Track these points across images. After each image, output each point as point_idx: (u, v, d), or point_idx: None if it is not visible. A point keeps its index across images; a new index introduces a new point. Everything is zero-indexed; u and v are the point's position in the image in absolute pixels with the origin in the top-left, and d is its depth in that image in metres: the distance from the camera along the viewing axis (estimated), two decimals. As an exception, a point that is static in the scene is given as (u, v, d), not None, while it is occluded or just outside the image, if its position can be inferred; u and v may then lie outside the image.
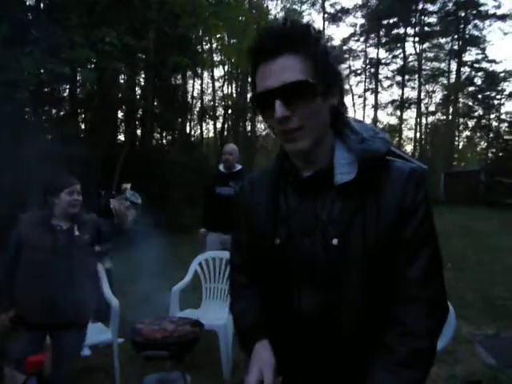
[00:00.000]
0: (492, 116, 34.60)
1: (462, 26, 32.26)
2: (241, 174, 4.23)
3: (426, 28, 33.61)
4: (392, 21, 33.90)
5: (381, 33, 35.17)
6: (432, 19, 33.51)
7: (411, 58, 35.01)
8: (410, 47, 34.79)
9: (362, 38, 36.19)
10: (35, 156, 8.49)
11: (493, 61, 32.51)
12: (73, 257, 2.37)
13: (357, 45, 36.58)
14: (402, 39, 34.43)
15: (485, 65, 32.67)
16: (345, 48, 36.21)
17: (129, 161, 11.25)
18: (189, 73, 18.73)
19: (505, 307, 4.85)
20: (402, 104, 35.65)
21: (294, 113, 0.89)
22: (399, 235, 0.92)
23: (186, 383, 2.22)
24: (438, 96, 37.33)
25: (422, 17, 33.44)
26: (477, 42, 32.27)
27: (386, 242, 0.92)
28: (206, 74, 23.27)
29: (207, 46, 19.22)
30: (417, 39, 34.06)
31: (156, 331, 2.16)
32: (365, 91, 37.51)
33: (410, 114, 44.52)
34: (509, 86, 35.21)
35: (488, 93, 33.33)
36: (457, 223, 12.76)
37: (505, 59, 66.27)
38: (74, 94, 12.81)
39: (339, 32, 39.54)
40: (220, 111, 23.67)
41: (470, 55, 33.59)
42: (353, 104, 36.98)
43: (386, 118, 65.17)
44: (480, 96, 33.77)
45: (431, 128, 36.75)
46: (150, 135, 15.92)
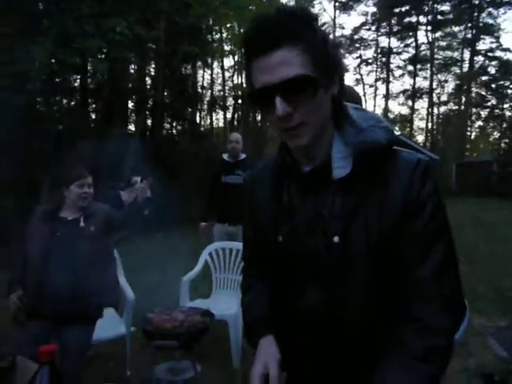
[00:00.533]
0: (506, 106, 34.03)
1: (476, 14, 31.60)
2: (246, 163, 4.22)
3: (439, 16, 32.99)
4: (404, 9, 33.33)
5: (392, 21, 34.62)
6: (445, 7, 32.91)
7: (423, 47, 34.49)
8: (423, 36, 34.38)
9: (374, 27, 35.66)
10: (47, 147, 8.56)
11: (507, 49, 32.00)
12: (75, 248, 2.34)
13: (368, 34, 36.06)
14: (415, 28, 33.87)
15: (499, 53, 32.05)
16: (356, 37, 35.77)
17: (139, 151, 11.28)
18: (199, 63, 18.69)
19: (517, 299, 4.81)
20: (414, 94, 35.19)
21: (296, 109, 0.85)
22: (407, 229, 0.88)
23: (197, 372, 2.23)
24: (451, 86, 36.93)
25: (435, 5, 32.82)
26: (491, 31, 31.61)
27: (391, 237, 0.88)
28: (216, 64, 23.17)
29: (217, 36, 19.13)
30: (429, 28, 33.48)
31: (166, 321, 2.16)
32: (376, 81, 37.07)
33: (422, 104, 43.87)
34: (524, 76, 34.57)
35: (502, 82, 32.70)
36: (468, 214, 12.62)
37: (520, 48, 64.73)
38: (85, 84, 12.85)
39: (350, 21, 39.28)
40: (230, 101, 23.60)
41: (484, 44, 32.99)
42: (364, 94, 36.55)
43: (398, 108, 64.37)
44: (493, 85, 33.17)
45: (443, 118, 36.27)
46: (161, 125, 15.95)
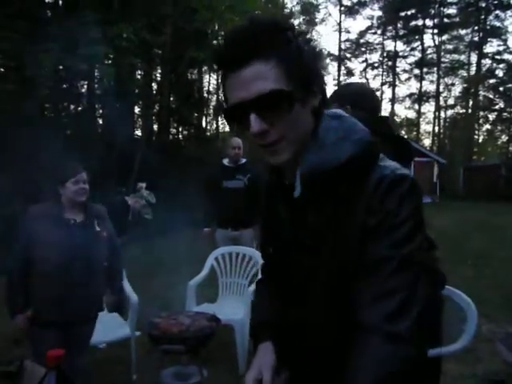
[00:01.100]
0: (514, 109, 33.77)
1: (483, 17, 31.46)
2: (246, 167, 4.22)
3: (446, 19, 32.90)
4: (410, 12, 33.28)
5: (398, 25, 34.57)
6: (451, 10, 32.78)
7: (430, 51, 34.37)
8: (429, 39, 34.21)
9: (379, 31, 35.64)
10: (54, 152, 8.61)
11: (515, 52, 31.68)
12: (91, 253, 2.34)
13: (374, 37, 36.03)
14: (421, 31, 33.80)
15: (506, 56, 31.81)
16: (361, 41, 35.76)
17: (145, 156, 11.35)
18: (204, 68, 18.76)
19: (526, 304, 4.75)
20: (420, 97, 35.07)
21: (272, 125, 0.81)
22: (362, 254, 0.82)
23: (203, 377, 2.23)
24: (458, 89, 36.62)
25: (441, 8, 32.76)
26: (498, 33, 31.44)
27: (351, 263, 0.83)
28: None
29: (223, 41, 19.20)
30: (436, 31, 33.38)
31: (173, 325, 2.18)
32: (382, 85, 36.95)
33: (429, 108, 43.84)
34: (531, 78, 34.30)
35: (510, 85, 32.48)
36: (476, 218, 12.51)
37: (527, 50, 64.33)
38: (92, 90, 12.96)
39: (356, 25, 39.15)
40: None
41: (491, 47, 33.07)
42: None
43: (404, 112, 64.13)
44: (501, 88, 32.93)
45: (450, 122, 36.08)
46: (167, 130, 16.03)
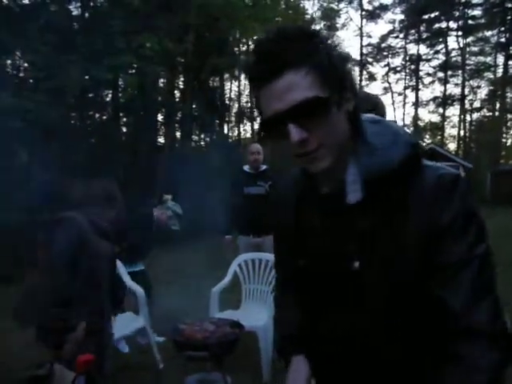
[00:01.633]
0: (543, 111, 32.79)
1: (509, 18, 30.76)
2: (267, 173, 4.22)
3: (470, 21, 32.33)
4: (433, 15, 32.85)
5: (421, 28, 34.15)
6: (476, 12, 32.31)
7: (454, 53, 33.79)
8: (453, 42, 33.69)
9: (402, 35, 35.24)
10: (80, 160, 8.84)
11: (543, 53, 30.81)
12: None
13: (396, 41, 35.63)
14: (445, 34, 33.29)
15: (534, 57, 31.03)
16: (383, 45, 35.44)
17: (168, 163, 11.50)
18: (226, 75, 18.94)
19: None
20: (445, 101, 34.46)
21: (311, 133, 0.80)
22: (433, 255, 0.81)
23: (227, 384, 2.22)
24: (484, 92, 35.88)
25: (466, 9, 32.19)
26: (525, 34, 30.71)
27: (417, 267, 0.81)
28: (243, 76, 23.41)
29: (244, 48, 19.36)
30: (460, 33, 32.83)
31: (197, 332, 2.19)
32: (405, 89, 36.51)
33: (453, 111, 42.96)
34: (561, 79, 33.26)
35: (538, 87, 31.62)
36: (505, 224, 12.17)
37: (556, 51, 62.47)
38: (116, 99, 13.24)
39: (377, 29, 38.86)
40: (257, 112, 23.76)
41: (519, 48, 31.99)
42: (392, 102, 36.09)
43: (428, 116, 62.93)
44: (530, 90, 32.10)
45: (476, 125, 35.31)
46: (189, 137, 16.20)
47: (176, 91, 15.43)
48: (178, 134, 16.22)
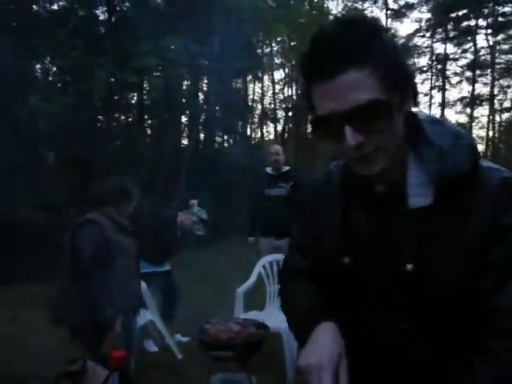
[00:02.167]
0: None
1: (541, 15, 29.82)
2: (290, 175, 4.20)
3: (500, 18, 31.44)
4: (461, 13, 32.08)
5: (449, 26, 33.41)
6: (507, 8, 31.22)
7: (483, 52, 32.81)
8: (482, 40, 32.76)
9: (428, 34, 34.45)
10: (108, 161, 9.02)
11: None
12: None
13: (422, 41, 34.73)
14: (473, 32, 32.42)
15: None
16: (409, 45, 34.85)
17: (192, 165, 11.59)
18: (249, 76, 18.97)
19: None
20: (473, 101, 33.57)
21: (369, 137, 0.76)
22: (487, 259, 0.79)
23: (252, 385, 2.22)
24: (514, 91, 34.77)
25: (496, 6, 31.34)
26: (558, 31, 29.69)
27: (474, 268, 0.79)
28: (267, 77, 23.43)
29: (268, 49, 19.37)
30: (489, 31, 31.94)
31: (222, 332, 2.19)
32: (431, 89, 35.74)
33: (482, 112, 41.78)
34: None
35: None
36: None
37: None
38: (141, 101, 13.44)
39: (403, 28, 38.26)
40: (280, 114, 23.72)
41: (551, 45, 30.95)
42: (417, 103, 35.42)
43: (455, 117, 61.27)
44: (562, 89, 31.00)
45: (506, 126, 34.29)
46: (213, 139, 16.30)
47: (200, 93, 15.56)
48: (202, 136, 16.36)
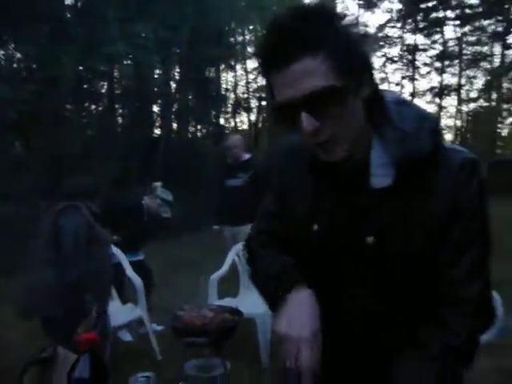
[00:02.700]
0: (539, 101, 32.77)
1: (507, 7, 30.63)
2: (250, 163, 4.23)
3: (467, 10, 32.14)
4: (431, 4, 32.63)
5: (418, 17, 33.93)
6: (474, 1, 32.00)
7: (451, 43, 33.61)
8: (450, 31, 33.49)
9: (399, 24, 34.99)
10: (76, 152, 8.78)
11: (540, 42, 30.72)
12: None
13: (393, 31, 35.33)
14: (442, 23, 33.08)
15: (532, 47, 30.93)
16: (380, 35, 35.21)
17: (164, 154, 11.45)
18: (222, 65, 18.80)
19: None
20: (442, 91, 34.37)
21: (325, 123, 0.77)
22: (447, 235, 0.84)
23: (226, 369, 2.22)
24: (480, 82, 35.76)
25: (463, -1, 31.98)
26: (522, 23, 30.59)
27: (433, 245, 0.84)
28: (239, 67, 23.27)
29: (240, 38, 19.20)
30: (457, 22, 32.65)
31: (195, 318, 2.18)
32: (402, 79, 36.39)
33: (450, 102, 42.78)
34: (558, 69, 33.21)
35: (535, 76, 31.57)
36: (504, 215, 12.20)
37: (553, 40, 62.34)
38: (112, 90, 13.13)
39: (374, 18, 38.64)
40: (254, 103, 23.65)
41: (516, 37, 31.88)
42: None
43: (425, 106, 62.53)
44: (526, 80, 32.04)
45: (473, 115, 35.29)
46: (185, 128, 16.13)
47: (172, 82, 15.32)
48: (175, 126, 16.15)
